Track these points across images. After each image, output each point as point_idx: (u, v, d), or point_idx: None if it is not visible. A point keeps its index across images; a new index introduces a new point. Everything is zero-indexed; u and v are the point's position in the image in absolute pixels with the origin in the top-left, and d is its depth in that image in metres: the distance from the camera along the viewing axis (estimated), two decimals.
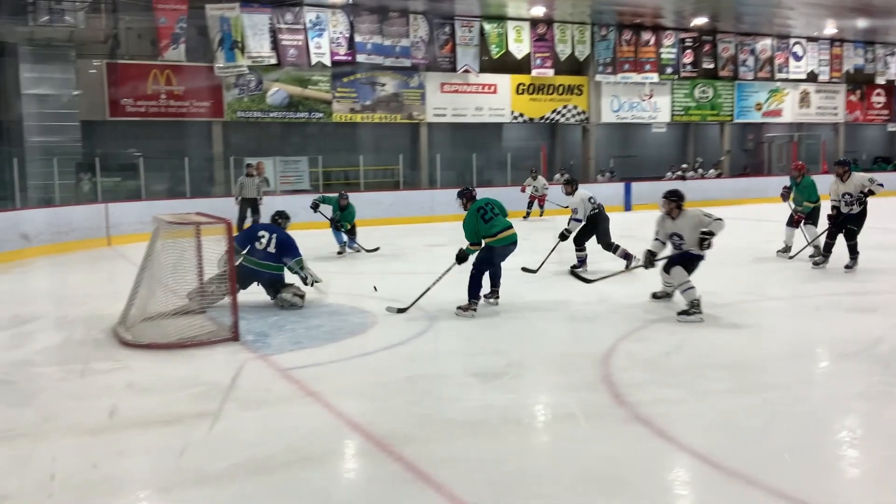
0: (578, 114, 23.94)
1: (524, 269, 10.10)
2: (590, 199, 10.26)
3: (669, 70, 24.38)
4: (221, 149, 19.56)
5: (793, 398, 5.13)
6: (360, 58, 20.11)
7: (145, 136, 18.88)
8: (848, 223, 9.94)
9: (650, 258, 7.74)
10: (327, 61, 19.79)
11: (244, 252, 8.19)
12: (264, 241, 8.20)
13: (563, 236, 10.25)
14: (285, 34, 19.32)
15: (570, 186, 10.49)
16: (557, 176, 22.17)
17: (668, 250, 7.76)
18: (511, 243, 7.98)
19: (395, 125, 21.79)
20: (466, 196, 8.21)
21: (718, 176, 25.04)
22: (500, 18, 21.62)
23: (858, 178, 9.94)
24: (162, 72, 18.61)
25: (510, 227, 7.99)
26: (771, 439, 4.37)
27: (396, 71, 21.07)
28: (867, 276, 9.75)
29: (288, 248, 8.26)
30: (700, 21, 23.28)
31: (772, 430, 4.51)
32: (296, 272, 8.27)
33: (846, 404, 5.03)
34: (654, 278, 8.30)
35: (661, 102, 25.00)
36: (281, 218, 8.84)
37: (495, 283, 8.25)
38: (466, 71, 21.58)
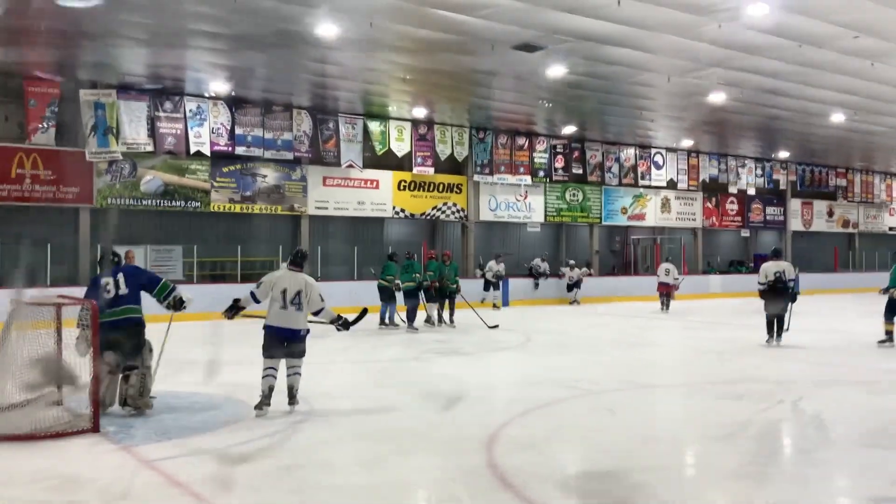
0: (458, 211, 24.56)
1: None
2: None
3: (542, 173, 25.55)
4: (88, 236, 18.62)
5: (667, 479, 5.24)
6: (240, 150, 19.92)
7: (5, 221, 17.74)
8: None
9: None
10: (206, 151, 19.49)
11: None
12: (111, 286, 7.26)
13: None
14: (164, 122, 18.95)
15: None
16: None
17: None
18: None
19: (276, 217, 21.53)
20: None
21: (590, 275, 26.06)
22: (383, 118, 22.16)
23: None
24: (28, 155, 17.73)
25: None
26: None
27: (278, 163, 21.00)
28: (734, 361, 10.31)
29: (143, 276, 7.54)
30: (570, 130, 24.71)
31: None
32: (167, 296, 7.35)
33: (719, 485, 5.20)
34: (526, 370, 8.35)
35: (535, 203, 26.04)
36: (115, 256, 7.79)
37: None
38: (350, 166, 21.80)
